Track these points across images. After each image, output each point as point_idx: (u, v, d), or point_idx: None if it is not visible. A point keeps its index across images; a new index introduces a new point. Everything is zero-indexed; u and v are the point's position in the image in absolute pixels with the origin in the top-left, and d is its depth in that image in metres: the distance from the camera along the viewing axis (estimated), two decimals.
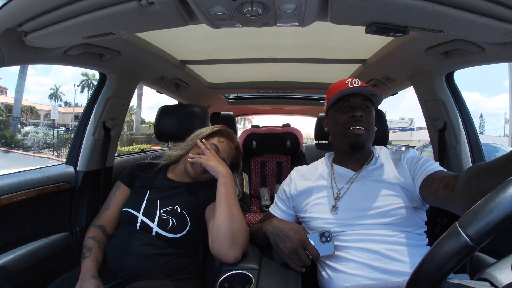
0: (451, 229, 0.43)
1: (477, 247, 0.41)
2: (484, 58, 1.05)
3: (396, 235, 0.94)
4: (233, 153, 1.27)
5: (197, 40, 1.49)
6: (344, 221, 0.98)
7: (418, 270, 0.45)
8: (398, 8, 0.75)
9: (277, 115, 4.37)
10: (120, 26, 0.92)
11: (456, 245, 0.42)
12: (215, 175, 1.11)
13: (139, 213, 1.11)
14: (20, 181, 1.19)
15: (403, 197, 0.98)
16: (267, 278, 0.93)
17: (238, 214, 1.05)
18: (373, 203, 0.98)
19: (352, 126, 1.03)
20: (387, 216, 0.95)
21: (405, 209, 0.96)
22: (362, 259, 0.92)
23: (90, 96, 1.53)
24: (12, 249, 1.15)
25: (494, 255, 1.11)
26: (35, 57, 1.07)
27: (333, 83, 1.16)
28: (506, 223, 0.40)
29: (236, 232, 1.01)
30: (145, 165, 1.29)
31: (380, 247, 0.92)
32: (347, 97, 1.06)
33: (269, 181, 2.33)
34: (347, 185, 1.05)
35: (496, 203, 0.41)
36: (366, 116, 1.04)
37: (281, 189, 1.19)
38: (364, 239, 0.94)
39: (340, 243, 0.96)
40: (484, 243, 0.41)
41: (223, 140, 1.25)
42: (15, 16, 0.86)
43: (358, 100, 1.05)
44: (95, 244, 1.11)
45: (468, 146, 1.35)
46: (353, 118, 1.03)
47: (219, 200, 1.06)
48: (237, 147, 1.30)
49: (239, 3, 0.76)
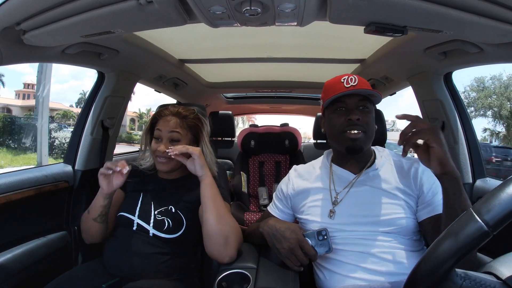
0: (466, 215, 0.43)
1: (491, 234, 0.40)
2: (482, 58, 1.06)
3: (393, 241, 0.93)
4: (182, 123, 1.15)
5: (196, 39, 1.49)
6: (340, 227, 0.97)
7: (427, 257, 0.45)
8: (397, 8, 0.75)
9: (276, 114, 4.37)
10: (119, 25, 0.92)
11: (471, 230, 0.41)
12: (200, 173, 1.05)
13: (135, 216, 1.10)
14: (18, 180, 1.18)
15: (403, 206, 0.95)
16: (265, 277, 0.93)
17: (226, 214, 1.04)
18: (372, 211, 0.96)
19: (348, 130, 0.97)
20: (385, 225, 0.93)
21: (404, 220, 0.94)
22: (357, 262, 0.92)
23: (88, 95, 1.53)
24: (9, 248, 1.15)
25: (494, 255, 1.11)
26: (33, 56, 1.07)
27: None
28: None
29: (227, 233, 1.00)
30: (132, 171, 1.20)
31: (376, 250, 0.91)
32: (343, 98, 0.99)
33: (268, 180, 2.33)
34: (345, 189, 1.02)
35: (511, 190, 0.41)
36: (364, 117, 0.98)
37: (279, 188, 1.18)
38: (359, 243, 0.94)
39: (335, 246, 0.96)
40: (499, 229, 0.40)
41: (166, 119, 1.14)
42: (13, 15, 0.86)
43: (354, 101, 0.98)
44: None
45: (466, 146, 1.36)
46: (349, 122, 0.97)
47: (206, 203, 1.03)
48: (194, 117, 1.19)
49: (238, 2, 0.76)
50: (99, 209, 1.08)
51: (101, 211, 1.09)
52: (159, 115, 1.17)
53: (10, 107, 34.83)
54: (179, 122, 1.15)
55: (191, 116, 1.18)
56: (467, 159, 1.35)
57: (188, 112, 1.19)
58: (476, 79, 21.82)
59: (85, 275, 1.08)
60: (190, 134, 1.17)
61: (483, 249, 1.12)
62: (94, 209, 1.09)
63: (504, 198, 0.41)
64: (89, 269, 1.11)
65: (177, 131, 1.13)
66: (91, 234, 1.13)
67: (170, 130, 1.12)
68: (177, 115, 1.16)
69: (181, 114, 1.16)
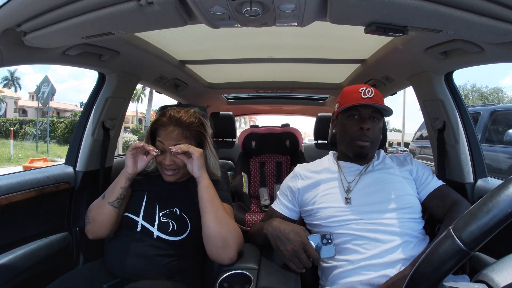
0: (446, 234, 0.44)
1: (470, 252, 0.41)
2: (483, 58, 1.05)
3: (406, 223, 0.99)
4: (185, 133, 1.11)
5: (197, 40, 1.49)
6: (359, 208, 1.02)
7: (414, 273, 0.46)
8: (398, 8, 0.75)
9: (276, 115, 4.38)
10: (119, 26, 0.92)
11: (449, 249, 0.43)
12: (197, 174, 1.05)
13: (139, 217, 1.10)
14: (19, 181, 1.18)
15: (411, 185, 1.08)
16: (266, 277, 0.93)
17: (224, 216, 1.03)
18: (384, 191, 1.04)
19: (358, 139, 1.08)
20: (398, 202, 1.02)
21: (413, 197, 1.06)
22: (368, 249, 0.95)
23: (89, 96, 1.53)
24: (11, 249, 1.15)
25: (494, 254, 1.11)
26: (34, 57, 1.07)
27: (333, 83, 1.18)
28: (499, 227, 0.41)
29: (225, 235, 1.00)
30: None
31: (389, 238, 0.96)
32: (358, 107, 1.09)
33: (269, 181, 2.33)
34: (356, 177, 1.10)
35: (489, 208, 0.42)
36: (373, 128, 1.09)
37: (285, 185, 1.19)
38: (375, 229, 0.97)
39: (350, 231, 0.99)
40: (478, 248, 0.41)
41: (168, 130, 1.10)
42: (14, 16, 0.86)
43: (368, 112, 1.09)
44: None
45: (467, 146, 1.36)
46: (361, 131, 1.07)
47: (204, 206, 1.03)
48: (197, 124, 1.14)
49: (238, 3, 0.76)
50: (118, 192, 1.06)
51: (120, 194, 1.07)
52: (160, 123, 1.11)
53: (25, 108, 35.39)
54: (182, 132, 1.10)
55: (194, 124, 1.13)
56: (468, 159, 1.35)
57: (191, 119, 1.12)
58: None
59: (86, 276, 1.08)
60: (194, 142, 1.14)
61: (485, 249, 1.13)
62: (113, 192, 1.07)
63: (481, 217, 0.42)
64: (91, 270, 1.11)
65: (182, 143, 1.08)
66: (101, 223, 1.07)
67: (173, 144, 1.07)
68: (179, 125, 1.10)
69: (183, 123, 1.10)
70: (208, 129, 1.18)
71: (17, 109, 34.71)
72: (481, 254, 1.16)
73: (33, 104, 35.28)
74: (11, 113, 31.92)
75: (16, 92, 37.43)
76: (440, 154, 1.43)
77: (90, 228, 1.10)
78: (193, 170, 1.05)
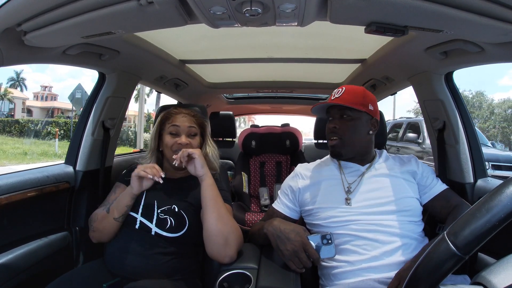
0: (440, 238, 0.45)
1: (464, 257, 0.42)
2: (483, 58, 1.05)
3: (406, 225, 0.99)
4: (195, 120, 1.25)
5: (197, 40, 1.49)
6: (359, 210, 1.02)
7: (411, 277, 0.46)
8: (398, 8, 0.75)
9: (277, 114, 4.38)
10: (119, 26, 0.92)
11: (444, 254, 0.43)
12: (200, 173, 1.08)
13: (138, 214, 1.11)
14: (19, 181, 1.19)
15: (412, 188, 1.07)
16: (266, 277, 0.93)
17: (226, 214, 1.05)
18: (385, 193, 1.04)
19: (329, 138, 1.13)
20: (398, 204, 1.01)
21: (414, 199, 1.05)
22: (368, 251, 0.95)
23: (89, 96, 1.53)
24: (11, 249, 1.15)
25: (494, 254, 1.11)
26: (34, 57, 1.07)
27: (333, 83, 1.19)
28: (492, 232, 0.42)
29: (227, 233, 1.01)
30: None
31: (389, 239, 0.96)
32: (329, 109, 1.14)
33: (269, 181, 2.33)
34: (358, 178, 1.10)
35: (482, 213, 0.42)
36: (342, 126, 1.09)
37: (286, 185, 1.19)
38: (375, 230, 0.97)
39: (350, 232, 0.99)
40: (471, 253, 0.42)
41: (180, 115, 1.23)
42: (14, 16, 0.86)
43: (335, 111, 1.12)
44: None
45: (468, 146, 1.36)
46: (330, 129, 1.12)
47: (207, 204, 1.05)
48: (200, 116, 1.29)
49: (238, 3, 0.76)
50: (123, 209, 1.09)
51: (125, 211, 1.09)
52: (171, 114, 1.24)
53: (30, 108, 35.58)
54: (192, 119, 1.24)
55: (198, 115, 1.28)
56: (468, 159, 1.35)
57: (194, 112, 1.28)
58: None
59: (86, 275, 1.08)
60: (199, 129, 1.25)
61: (484, 249, 1.13)
62: (118, 209, 1.09)
63: (474, 222, 0.43)
64: (90, 269, 1.11)
65: (194, 126, 1.22)
66: (105, 234, 1.12)
67: (188, 125, 1.21)
68: (187, 114, 1.25)
69: (191, 112, 1.26)
70: (208, 124, 1.31)
71: (25, 109, 34.92)
72: (481, 254, 1.16)
73: (37, 104, 35.71)
74: (19, 113, 32.36)
75: (22, 92, 37.83)
76: (440, 154, 1.43)
77: (95, 235, 1.15)
78: (195, 170, 1.08)
